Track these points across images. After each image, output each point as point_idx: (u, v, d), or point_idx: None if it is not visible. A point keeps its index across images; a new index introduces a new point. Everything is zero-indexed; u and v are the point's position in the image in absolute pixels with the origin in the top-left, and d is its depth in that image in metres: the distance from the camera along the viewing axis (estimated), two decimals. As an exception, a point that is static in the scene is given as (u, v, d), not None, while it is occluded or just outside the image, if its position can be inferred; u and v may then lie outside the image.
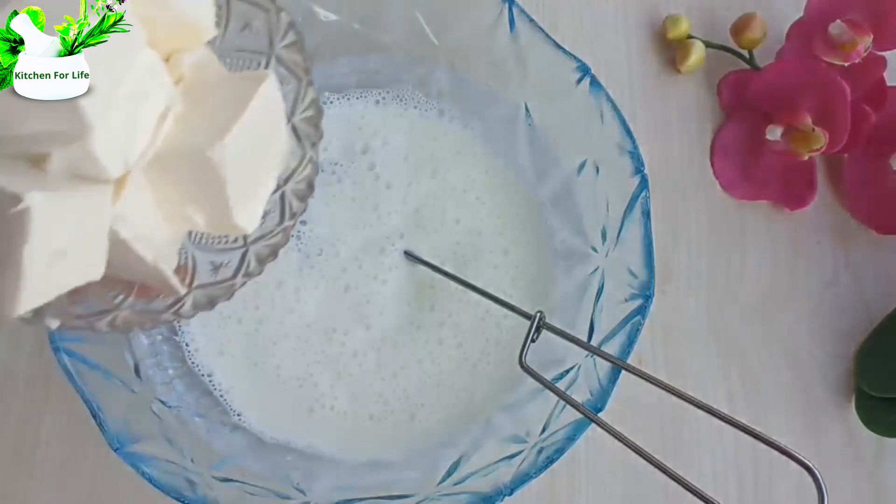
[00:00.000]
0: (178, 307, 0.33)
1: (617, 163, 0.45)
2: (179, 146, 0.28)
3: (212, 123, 0.28)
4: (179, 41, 0.30)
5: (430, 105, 0.52)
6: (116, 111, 0.26)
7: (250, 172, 0.30)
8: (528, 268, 0.51)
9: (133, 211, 0.28)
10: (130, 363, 0.44)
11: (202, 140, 0.28)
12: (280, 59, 0.35)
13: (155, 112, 0.28)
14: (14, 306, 0.25)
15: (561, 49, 0.45)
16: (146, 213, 0.29)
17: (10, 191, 0.24)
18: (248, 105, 0.28)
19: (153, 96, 0.28)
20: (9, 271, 0.25)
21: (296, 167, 0.34)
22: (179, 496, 0.40)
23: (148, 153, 0.28)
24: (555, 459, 0.41)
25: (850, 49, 0.52)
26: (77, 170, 0.26)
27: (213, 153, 0.27)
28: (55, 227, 0.25)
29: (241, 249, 0.35)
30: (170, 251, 0.31)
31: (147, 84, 0.28)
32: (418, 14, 0.48)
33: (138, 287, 0.33)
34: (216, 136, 0.28)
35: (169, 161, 0.28)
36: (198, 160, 0.28)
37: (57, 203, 0.25)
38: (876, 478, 0.51)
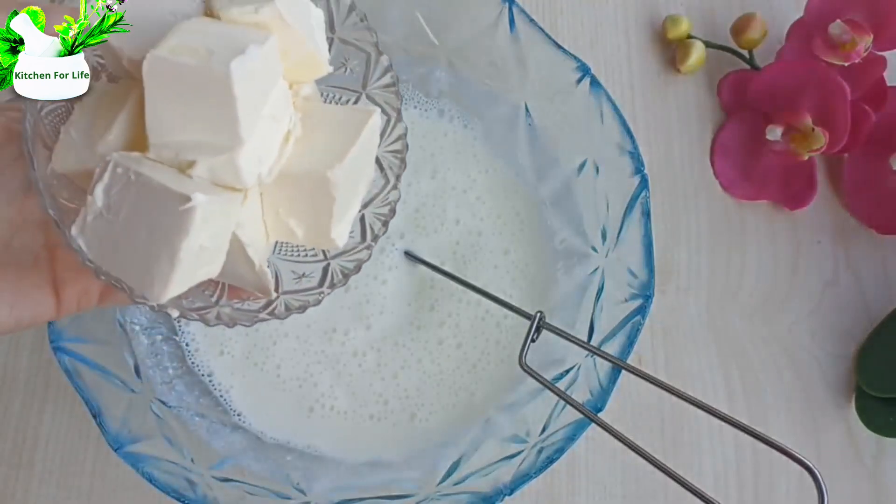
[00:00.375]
0: (272, 308, 0.36)
1: (617, 163, 0.45)
2: (300, 165, 0.32)
3: (329, 148, 0.32)
4: (300, 74, 0.33)
5: (430, 105, 0.52)
6: (259, 130, 0.30)
7: (349, 195, 0.33)
8: (528, 268, 0.51)
9: (249, 219, 0.32)
10: (130, 363, 0.44)
11: (322, 161, 0.32)
12: (370, 97, 0.39)
13: (281, 134, 0.32)
14: (165, 292, 0.28)
15: (561, 49, 0.45)
16: (258, 223, 0.33)
17: (179, 191, 0.27)
18: (360, 135, 0.33)
19: (282, 120, 0.32)
20: (164, 260, 0.28)
21: (377, 193, 0.38)
22: (179, 496, 0.40)
23: (275, 170, 0.32)
24: (555, 459, 0.41)
25: (850, 49, 0.52)
26: (217, 178, 0.30)
27: (332, 174, 0.31)
28: (205, 227, 0.28)
29: (322, 263, 0.38)
30: (265, 258, 0.34)
31: (279, 109, 0.31)
32: (418, 14, 0.48)
33: (229, 288, 0.36)
34: (335, 159, 0.32)
35: (287, 178, 0.32)
36: (317, 179, 0.31)
37: (212, 205, 0.28)
38: (876, 478, 0.51)
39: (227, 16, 0.30)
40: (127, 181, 0.28)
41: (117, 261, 0.29)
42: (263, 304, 0.36)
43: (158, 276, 0.28)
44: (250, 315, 0.36)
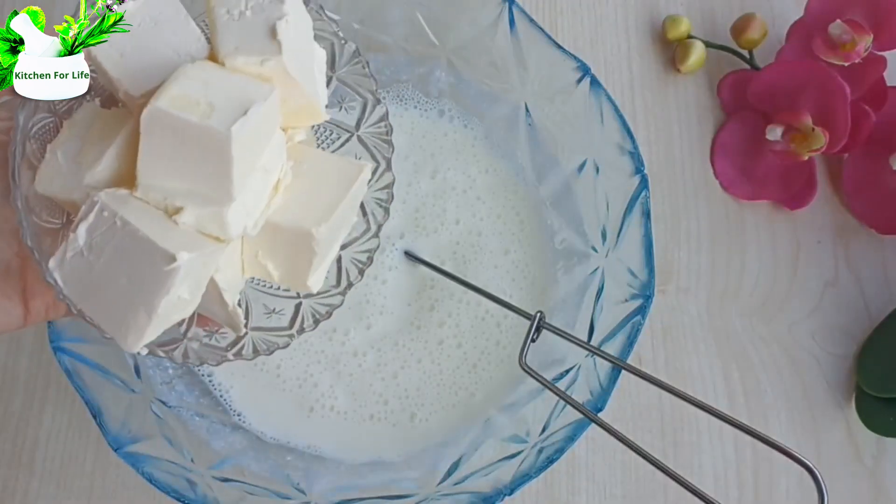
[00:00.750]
0: (240, 348, 0.36)
1: (617, 163, 0.45)
2: (285, 218, 0.32)
3: (316, 201, 0.32)
4: (297, 120, 0.33)
5: (430, 105, 0.52)
6: (250, 184, 0.30)
7: (331, 243, 0.34)
8: (528, 268, 0.51)
9: (227, 264, 0.32)
10: (130, 363, 0.44)
11: (308, 217, 0.32)
12: (362, 140, 0.39)
13: (271, 184, 0.32)
14: (139, 343, 0.29)
15: (561, 49, 0.45)
16: (235, 265, 0.33)
17: (164, 247, 0.27)
18: (349, 191, 0.33)
19: (273, 171, 0.32)
20: (141, 313, 0.28)
21: (357, 237, 0.38)
22: (179, 496, 0.40)
23: (261, 221, 0.31)
24: (555, 459, 0.41)
25: (850, 49, 0.52)
26: (203, 228, 0.30)
27: (317, 231, 0.31)
28: (186, 281, 0.28)
29: (294, 300, 0.38)
30: (237, 295, 0.34)
31: (273, 160, 0.31)
32: (418, 14, 0.48)
33: (198, 317, 0.35)
34: (322, 216, 0.32)
35: (271, 227, 0.32)
36: (301, 234, 0.32)
37: (194, 262, 0.28)
38: (876, 478, 0.51)
39: (232, 64, 0.30)
40: (112, 226, 0.28)
41: (93, 302, 0.29)
42: (232, 341, 0.36)
43: (134, 328, 0.28)
44: (217, 354, 0.36)
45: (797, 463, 0.29)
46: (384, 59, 0.51)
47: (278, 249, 0.33)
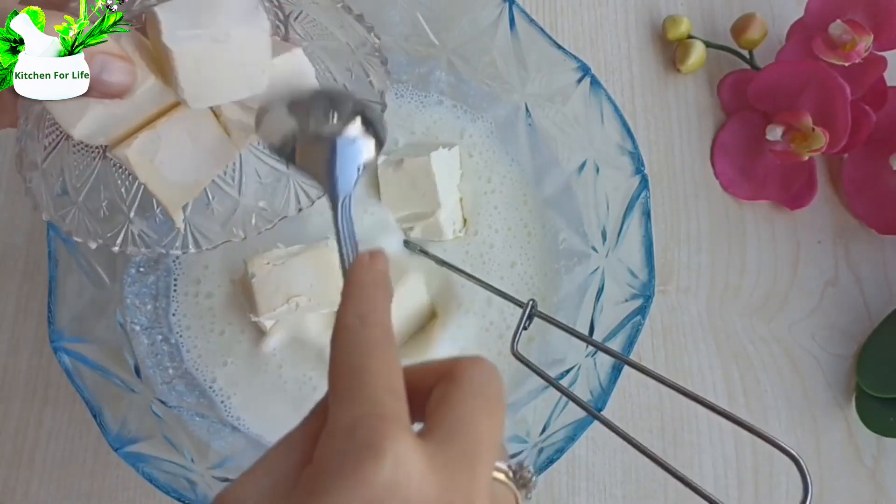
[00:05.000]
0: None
1: (617, 163, 0.45)
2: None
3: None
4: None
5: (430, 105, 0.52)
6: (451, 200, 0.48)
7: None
8: (532, 279, 0.50)
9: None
10: (130, 363, 0.44)
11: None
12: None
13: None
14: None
15: (561, 49, 0.45)
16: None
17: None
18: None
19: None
20: None
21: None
22: (179, 496, 0.40)
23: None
24: (555, 459, 0.41)
25: (850, 49, 0.52)
26: (429, 236, 0.49)
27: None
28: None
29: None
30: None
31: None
32: (418, 14, 0.48)
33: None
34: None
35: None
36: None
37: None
38: (876, 478, 0.51)
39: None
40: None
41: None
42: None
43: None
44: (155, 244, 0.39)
45: (782, 452, 0.29)
46: (384, 59, 0.51)
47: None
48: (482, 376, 0.25)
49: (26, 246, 0.51)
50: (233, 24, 0.32)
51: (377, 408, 0.22)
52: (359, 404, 0.23)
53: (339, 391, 0.23)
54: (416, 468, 0.21)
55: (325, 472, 0.21)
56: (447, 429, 0.23)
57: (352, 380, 0.23)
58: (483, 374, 0.25)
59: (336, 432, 0.22)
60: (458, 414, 0.23)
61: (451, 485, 0.22)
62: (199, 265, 0.49)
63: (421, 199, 0.49)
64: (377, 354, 0.24)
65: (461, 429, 0.23)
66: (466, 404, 0.24)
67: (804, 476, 0.28)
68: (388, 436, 0.21)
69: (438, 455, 0.22)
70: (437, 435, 0.23)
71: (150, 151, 0.36)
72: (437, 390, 0.24)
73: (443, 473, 0.22)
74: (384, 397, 0.23)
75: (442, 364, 0.25)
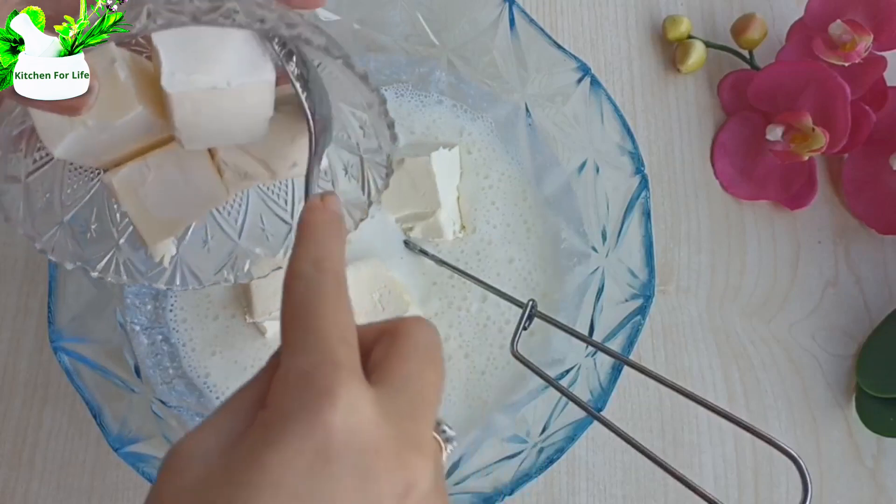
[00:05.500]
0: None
1: (617, 163, 0.45)
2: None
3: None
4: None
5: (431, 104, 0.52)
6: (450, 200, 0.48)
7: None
8: (530, 275, 0.50)
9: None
10: (130, 363, 0.44)
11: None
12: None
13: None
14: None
15: (561, 49, 0.45)
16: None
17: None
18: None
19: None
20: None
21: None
22: (179, 496, 0.39)
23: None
24: (555, 459, 0.41)
25: (850, 49, 0.52)
26: (429, 236, 0.49)
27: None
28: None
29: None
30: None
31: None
32: (418, 14, 0.48)
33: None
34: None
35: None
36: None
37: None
38: (876, 478, 0.51)
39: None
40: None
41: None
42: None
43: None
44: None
45: (781, 452, 0.29)
46: (384, 59, 0.51)
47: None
48: (426, 334, 0.26)
49: (26, 246, 0.51)
50: (235, 74, 0.31)
51: (331, 355, 0.23)
52: (312, 352, 0.23)
53: (291, 339, 0.24)
54: (368, 414, 0.22)
55: (279, 418, 0.22)
56: (395, 380, 0.24)
57: (305, 328, 0.24)
58: (426, 332, 0.26)
59: (290, 379, 0.23)
60: (405, 367, 0.25)
61: (399, 431, 0.23)
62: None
63: (421, 199, 0.49)
64: (330, 302, 0.24)
65: (408, 381, 0.24)
66: (412, 358, 0.25)
67: (803, 476, 0.28)
68: (343, 382, 0.22)
69: (389, 404, 0.23)
70: (385, 385, 0.24)
71: (137, 182, 0.35)
72: (381, 346, 0.25)
73: (392, 420, 0.23)
74: (337, 345, 0.23)
75: (385, 322, 0.26)
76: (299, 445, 0.21)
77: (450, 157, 0.50)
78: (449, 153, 0.50)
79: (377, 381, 0.24)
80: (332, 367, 0.22)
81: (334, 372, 0.22)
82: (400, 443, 0.22)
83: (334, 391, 0.22)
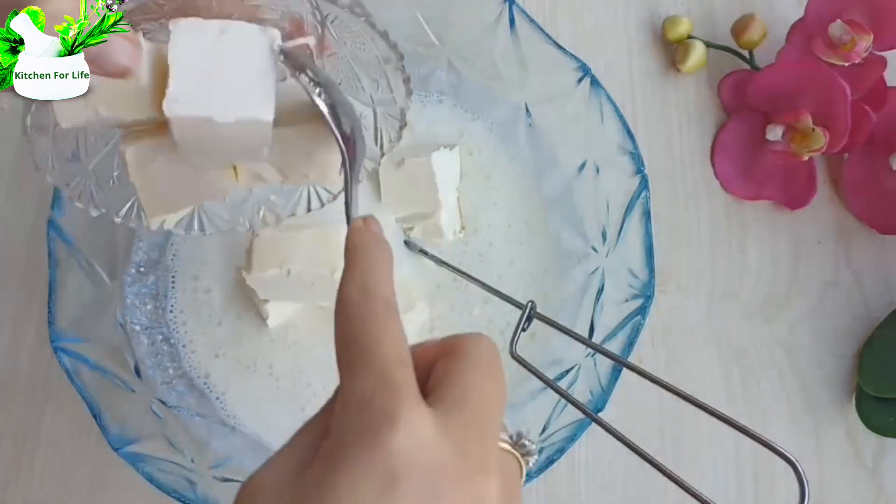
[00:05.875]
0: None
1: (617, 163, 0.45)
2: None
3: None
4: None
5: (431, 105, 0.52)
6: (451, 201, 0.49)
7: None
8: (531, 276, 0.50)
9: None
10: (130, 363, 0.44)
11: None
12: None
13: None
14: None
15: (561, 49, 0.45)
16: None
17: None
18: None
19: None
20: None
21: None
22: (179, 496, 0.40)
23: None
24: (555, 459, 0.41)
25: (850, 49, 0.52)
26: (429, 237, 0.50)
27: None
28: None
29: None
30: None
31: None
32: (418, 14, 0.48)
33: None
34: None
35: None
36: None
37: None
38: (876, 478, 0.51)
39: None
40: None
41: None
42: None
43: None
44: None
45: (779, 456, 0.29)
46: (384, 59, 0.51)
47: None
48: (485, 349, 0.26)
49: (26, 246, 0.51)
50: (233, 109, 0.31)
51: (387, 377, 0.23)
52: (369, 375, 0.23)
53: (347, 364, 0.24)
54: (429, 434, 0.22)
55: (343, 443, 0.22)
56: (455, 397, 0.24)
57: (359, 352, 0.24)
58: (485, 348, 0.26)
59: (349, 404, 0.23)
60: (464, 383, 0.24)
61: (462, 449, 0.23)
62: (198, 261, 0.49)
63: (422, 200, 0.49)
64: (381, 326, 0.24)
65: (468, 396, 0.24)
66: (471, 374, 0.25)
67: (801, 480, 0.28)
68: (401, 404, 0.22)
69: (449, 421, 0.23)
70: (445, 403, 0.24)
71: (149, 158, 0.35)
72: (441, 364, 0.25)
73: (454, 438, 0.23)
74: (393, 367, 0.23)
75: (444, 340, 0.26)
76: (364, 470, 0.21)
77: (450, 158, 0.50)
78: (449, 153, 0.50)
79: (437, 400, 0.24)
80: (390, 390, 0.23)
81: (393, 394, 0.22)
82: (464, 460, 0.22)
83: (394, 413, 0.22)
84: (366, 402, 0.23)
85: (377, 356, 0.24)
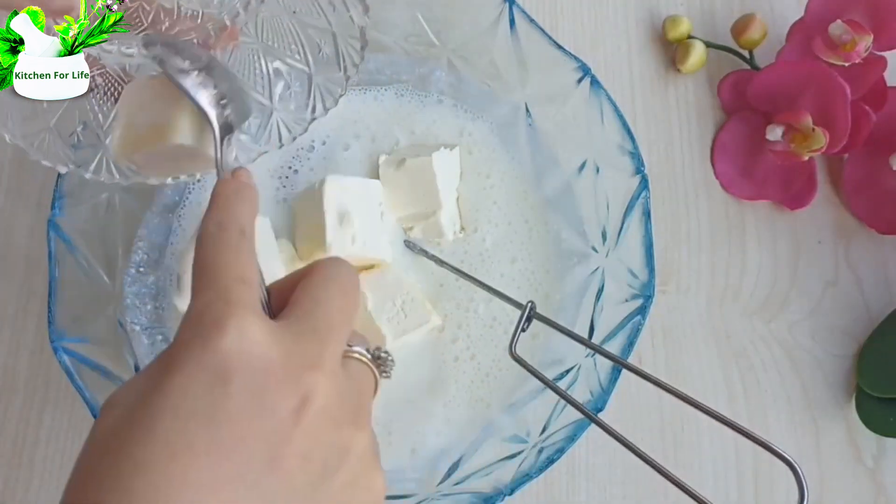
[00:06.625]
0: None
1: (617, 163, 0.45)
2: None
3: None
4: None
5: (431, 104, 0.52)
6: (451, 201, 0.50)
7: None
8: (533, 275, 0.50)
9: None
10: (130, 363, 0.44)
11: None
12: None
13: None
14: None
15: (561, 49, 0.45)
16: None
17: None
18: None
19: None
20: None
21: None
22: (179, 496, 0.39)
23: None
24: (555, 459, 0.41)
25: (851, 49, 0.52)
26: (429, 237, 0.50)
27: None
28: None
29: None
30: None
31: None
32: (418, 14, 0.48)
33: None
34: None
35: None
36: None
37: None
38: (876, 478, 0.51)
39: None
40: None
41: None
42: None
43: None
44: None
45: (777, 457, 0.29)
46: (384, 59, 0.51)
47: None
48: (335, 266, 0.28)
49: (26, 246, 0.51)
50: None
51: (224, 293, 0.25)
52: (207, 292, 0.25)
53: (195, 288, 0.26)
54: (260, 337, 0.24)
55: (178, 350, 0.24)
56: (303, 308, 0.26)
57: (206, 275, 0.26)
58: (341, 267, 0.28)
59: (187, 318, 0.25)
60: (315, 297, 0.27)
61: (295, 349, 0.25)
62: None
63: (422, 200, 0.49)
64: (229, 251, 0.26)
65: (313, 307, 0.26)
66: (322, 289, 0.27)
67: (800, 482, 0.28)
68: (232, 313, 0.24)
69: (290, 327, 0.25)
70: (290, 314, 0.26)
71: (139, 94, 0.36)
72: (300, 284, 0.27)
73: (288, 341, 0.25)
74: (231, 284, 0.25)
75: (305, 266, 0.29)
76: (193, 370, 0.23)
77: (450, 158, 0.50)
78: (450, 153, 0.50)
79: (287, 312, 0.26)
80: (223, 303, 0.24)
81: (227, 307, 0.24)
82: (293, 361, 0.24)
83: (223, 321, 0.24)
84: (199, 315, 0.25)
85: (220, 277, 0.25)
